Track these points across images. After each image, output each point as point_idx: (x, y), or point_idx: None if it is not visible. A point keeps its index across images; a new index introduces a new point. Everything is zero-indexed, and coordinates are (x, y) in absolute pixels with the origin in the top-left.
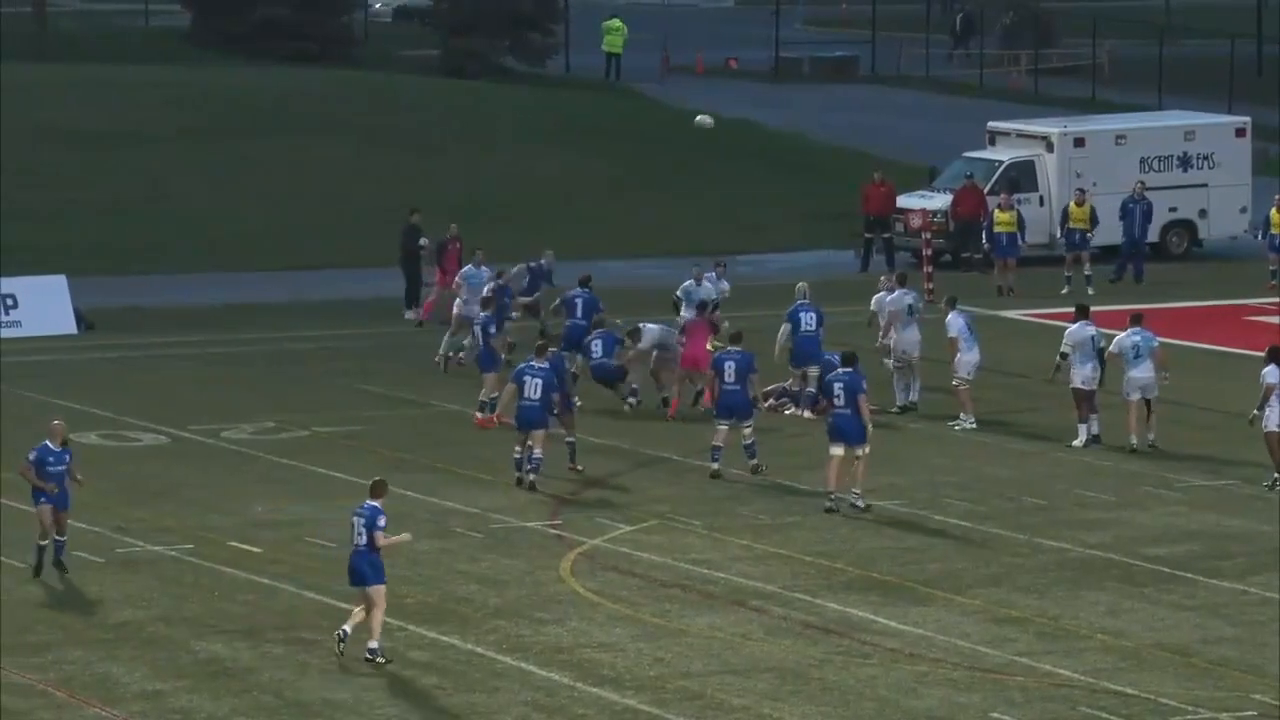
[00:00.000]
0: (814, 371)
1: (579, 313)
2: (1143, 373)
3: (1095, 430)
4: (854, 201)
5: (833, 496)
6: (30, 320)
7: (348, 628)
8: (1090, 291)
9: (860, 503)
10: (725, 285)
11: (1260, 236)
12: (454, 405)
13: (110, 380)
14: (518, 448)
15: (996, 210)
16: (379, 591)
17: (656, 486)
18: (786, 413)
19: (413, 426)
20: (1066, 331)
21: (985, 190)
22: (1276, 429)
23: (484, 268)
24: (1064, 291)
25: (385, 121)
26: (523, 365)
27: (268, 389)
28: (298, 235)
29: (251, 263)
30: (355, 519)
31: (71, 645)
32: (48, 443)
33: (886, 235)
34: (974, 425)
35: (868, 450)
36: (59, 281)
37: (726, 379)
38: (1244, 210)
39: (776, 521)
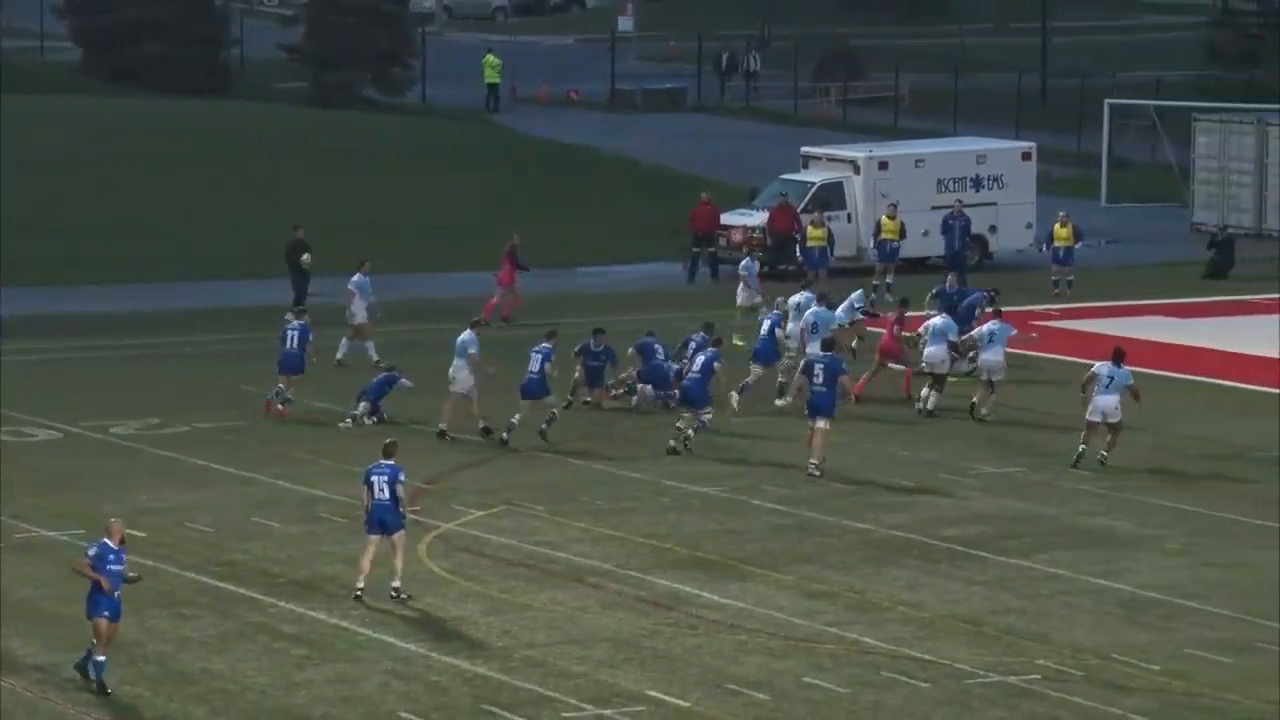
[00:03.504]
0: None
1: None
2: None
3: (931, 406)
4: (683, 219)
5: (813, 463)
6: None
7: (360, 584)
8: (889, 298)
9: (815, 471)
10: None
11: (1044, 249)
12: (322, 403)
13: (13, 381)
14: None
15: (809, 227)
16: (402, 536)
17: (505, 476)
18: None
19: (286, 422)
20: (930, 321)
21: (799, 208)
22: (1098, 420)
23: (365, 275)
24: (872, 298)
25: (263, 147)
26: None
27: (155, 389)
28: (188, 249)
29: (146, 274)
30: (376, 478)
31: None
32: (107, 540)
33: (712, 249)
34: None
35: (827, 425)
36: None
37: (694, 369)
38: (1029, 226)
39: (613, 506)
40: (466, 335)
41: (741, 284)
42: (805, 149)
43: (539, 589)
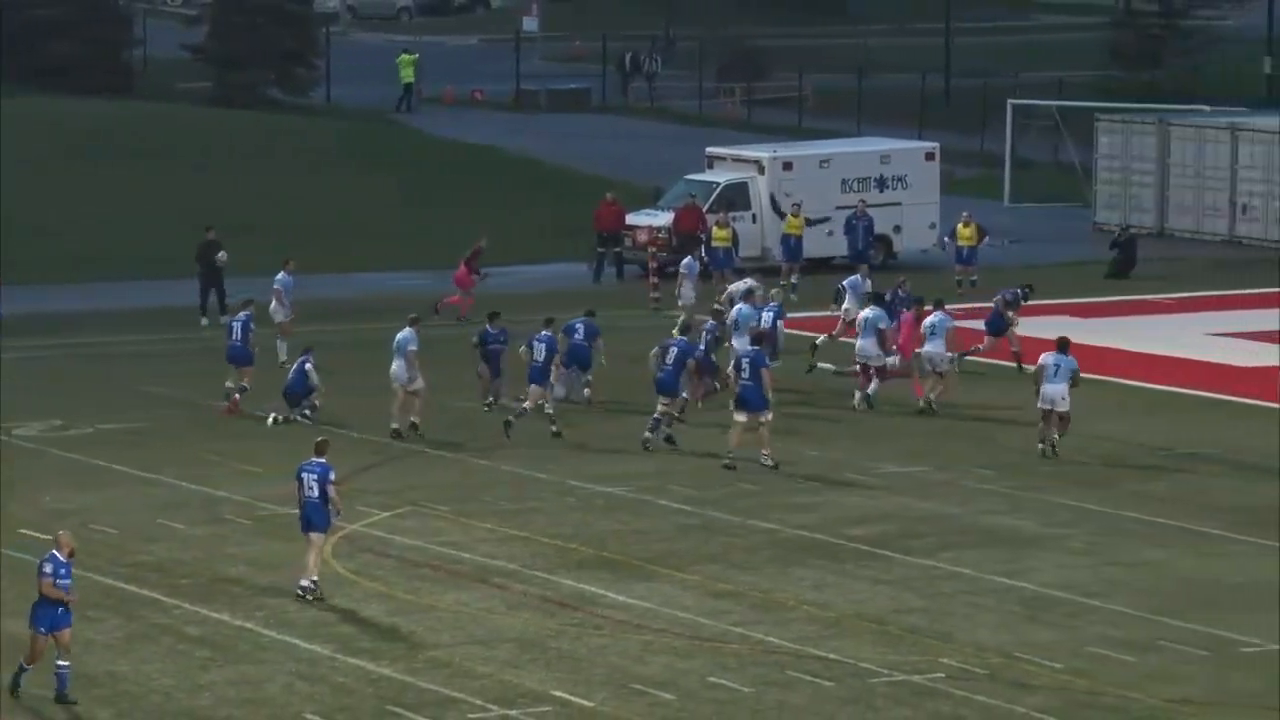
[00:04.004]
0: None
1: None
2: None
3: (870, 392)
4: (588, 219)
5: (730, 454)
6: None
7: (304, 582)
8: (793, 299)
9: (768, 461)
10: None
11: (946, 247)
12: (226, 403)
13: None
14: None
15: (715, 227)
16: (321, 537)
17: (410, 476)
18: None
19: (191, 424)
20: (867, 312)
21: (704, 209)
22: (1049, 408)
23: (289, 274)
24: (793, 297)
25: (167, 147)
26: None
27: (58, 391)
28: (91, 251)
29: (48, 275)
30: (306, 475)
31: None
32: (55, 553)
33: (617, 249)
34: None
35: (770, 417)
36: None
37: (666, 361)
38: (933, 226)
39: (518, 507)
40: (407, 333)
41: (682, 283)
42: (710, 149)
43: (444, 590)
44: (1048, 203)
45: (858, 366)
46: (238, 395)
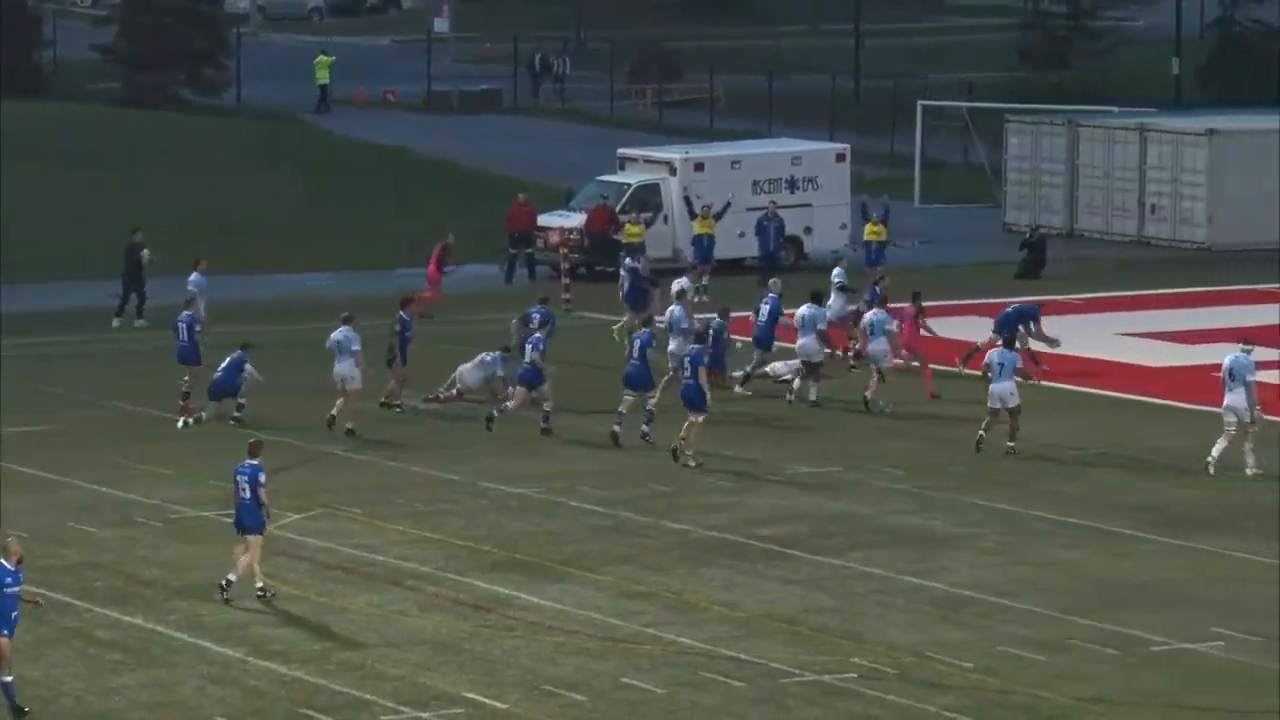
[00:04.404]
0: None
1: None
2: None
3: (814, 397)
4: (500, 220)
5: (688, 453)
6: None
7: (231, 576)
8: (705, 299)
9: (691, 462)
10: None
11: (856, 249)
12: (134, 406)
13: None
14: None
15: (628, 225)
16: (256, 540)
17: (322, 478)
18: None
19: (102, 426)
20: (805, 310)
21: (616, 209)
22: (998, 406)
23: (202, 275)
24: (705, 298)
25: (81, 147)
26: None
27: None
28: (3, 250)
29: None
30: (239, 477)
31: None
32: (3, 561)
33: (529, 251)
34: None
35: (701, 418)
36: None
37: (634, 355)
38: (844, 227)
39: (431, 509)
40: (348, 332)
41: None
42: (622, 150)
43: (356, 592)
44: (958, 203)
45: (799, 364)
46: (184, 401)
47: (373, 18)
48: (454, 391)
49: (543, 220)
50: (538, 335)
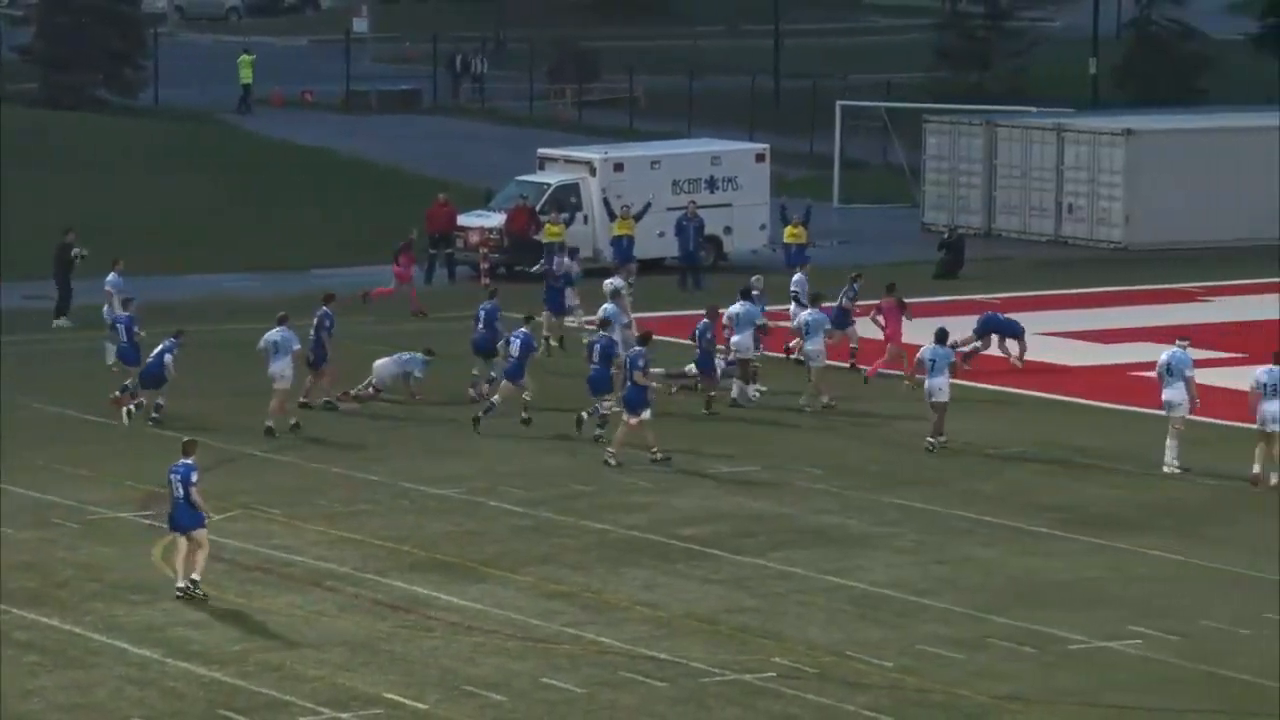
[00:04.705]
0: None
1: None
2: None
3: (753, 394)
4: (420, 220)
5: (613, 453)
6: None
7: (181, 583)
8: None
9: (613, 460)
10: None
11: (776, 250)
12: (53, 408)
13: None
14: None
15: (548, 225)
16: (201, 534)
17: (241, 479)
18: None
19: (16, 427)
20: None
21: (536, 209)
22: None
23: (119, 275)
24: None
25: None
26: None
27: None
28: None
29: None
30: (173, 476)
31: None
32: None
33: (449, 251)
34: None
35: (635, 420)
36: None
37: (594, 359)
38: (764, 227)
39: (350, 509)
40: (285, 332)
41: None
42: (541, 150)
43: (276, 593)
44: (877, 203)
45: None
46: (117, 394)
47: (291, 18)
48: (369, 389)
49: (463, 220)
50: (524, 331)
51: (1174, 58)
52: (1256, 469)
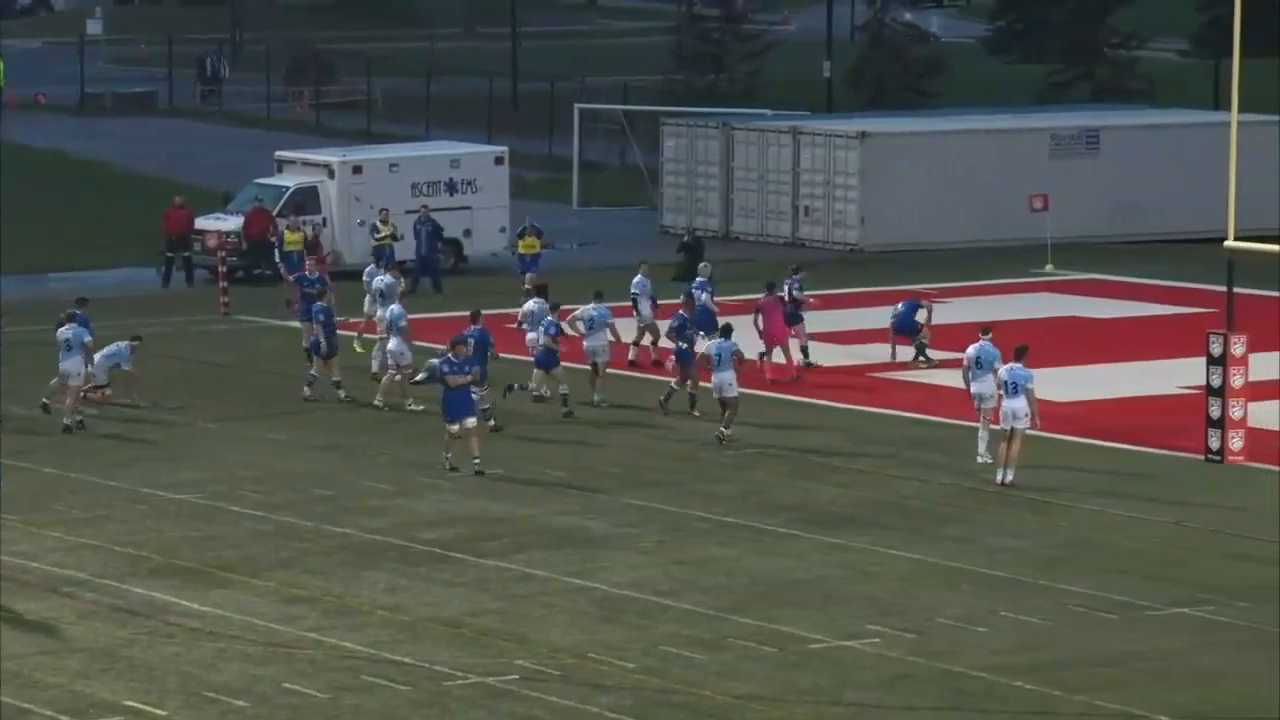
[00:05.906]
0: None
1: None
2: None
3: (597, 399)
4: (155, 223)
5: (447, 457)
6: None
7: None
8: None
9: (479, 466)
10: None
11: (515, 253)
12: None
13: None
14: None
15: (286, 231)
16: None
17: None
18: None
19: None
20: (582, 309)
21: (274, 212)
22: (717, 395)
23: None
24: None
25: None
26: None
27: None
28: None
29: None
30: None
31: None
32: None
33: (186, 254)
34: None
35: (472, 423)
36: None
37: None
38: (503, 230)
39: (89, 515)
40: (77, 328)
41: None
42: (279, 153)
43: (13, 600)
44: (616, 206)
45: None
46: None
47: (23, 20)
48: (97, 389)
49: (200, 223)
50: (549, 319)
51: (906, 60)
52: (1001, 476)
